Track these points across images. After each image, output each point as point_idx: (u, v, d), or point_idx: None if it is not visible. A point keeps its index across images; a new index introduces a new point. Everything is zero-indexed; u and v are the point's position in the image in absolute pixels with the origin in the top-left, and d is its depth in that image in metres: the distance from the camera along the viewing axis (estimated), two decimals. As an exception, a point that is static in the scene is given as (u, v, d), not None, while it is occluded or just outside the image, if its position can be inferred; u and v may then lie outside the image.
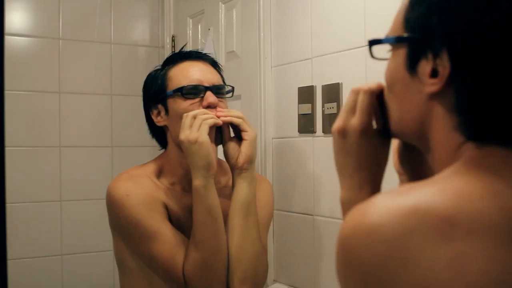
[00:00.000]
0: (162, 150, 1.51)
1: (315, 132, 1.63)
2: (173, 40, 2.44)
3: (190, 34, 2.31)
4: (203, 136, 1.29)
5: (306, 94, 1.65)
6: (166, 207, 1.37)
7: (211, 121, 1.32)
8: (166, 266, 1.32)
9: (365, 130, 0.77)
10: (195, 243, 1.30)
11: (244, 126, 1.37)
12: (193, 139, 1.29)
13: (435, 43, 0.61)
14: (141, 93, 1.53)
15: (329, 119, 1.57)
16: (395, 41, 0.68)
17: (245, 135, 1.38)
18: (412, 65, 0.65)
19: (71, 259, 2.25)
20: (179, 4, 2.42)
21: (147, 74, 1.54)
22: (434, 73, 0.62)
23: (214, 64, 1.49)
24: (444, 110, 0.63)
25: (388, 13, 1.37)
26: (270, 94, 1.82)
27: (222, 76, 1.50)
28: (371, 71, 1.43)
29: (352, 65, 1.48)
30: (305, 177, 1.66)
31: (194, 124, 1.30)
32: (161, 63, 2.53)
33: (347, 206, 0.77)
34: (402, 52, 0.67)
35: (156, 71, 1.48)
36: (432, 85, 0.63)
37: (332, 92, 1.55)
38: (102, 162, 2.33)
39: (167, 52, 2.43)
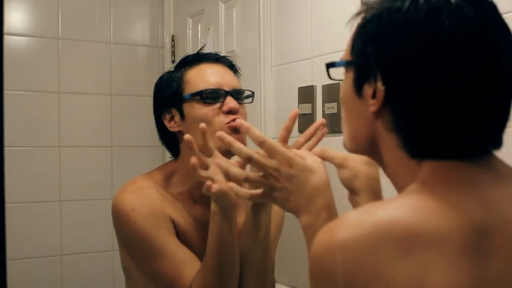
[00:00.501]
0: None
1: (316, 132, 1.62)
2: (173, 40, 2.44)
3: (190, 34, 2.31)
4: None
5: (306, 94, 1.65)
6: (173, 221, 1.30)
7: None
8: (171, 285, 1.26)
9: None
10: (206, 268, 1.23)
11: None
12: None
13: (372, 70, 0.68)
14: (141, 93, 1.50)
15: (329, 119, 1.57)
16: (345, 65, 0.75)
17: None
18: (358, 87, 0.71)
19: (71, 260, 2.25)
20: (179, 3, 2.41)
21: (147, 74, 1.51)
22: (374, 95, 0.69)
23: (232, 67, 1.39)
24: (386, 130, 0.69)
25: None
26: (270, 94, 1.82)
27: (239, 80, 1.40)
28: (371, 71, 1.43)
29: (353, 65, 1.48)
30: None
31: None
32: (161, 63, 2.53)
33: (309, 231, 0.86)
34: (351, 75, 0.73)
35: (170, 73, 1.38)
36: (372, 106, 0.69)
37: (333, 92, 1.55)
38: (101, 162, 2.33)
39: (167, 52, 2.43)
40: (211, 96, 1.29)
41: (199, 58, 1.36)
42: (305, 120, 1.66)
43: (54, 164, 2.24)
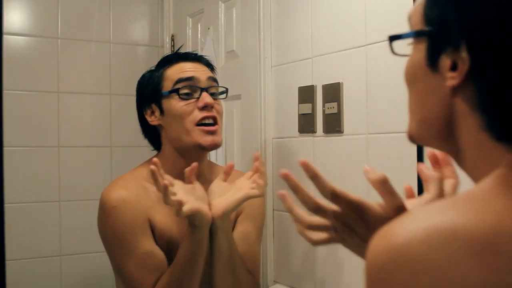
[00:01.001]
0: (155, 152, 1.52)
1: (316, 132, 1.61)
2: (172, 40, 2.43)
3: (190, 34, 2.30)
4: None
5: (306, 94, 1.64)
6: (153, 218, 1.37)
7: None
8: (134, 286, 1.33)
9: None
10: (171, 279, 1.30)
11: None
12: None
13: (454, 38, 0.58)
14: (141, 92, 1.54)
15: (329, 119, 1.56)
16: (415, 36, 0.65)
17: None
18: (433, 59, 0.62)
19: (70, 260, 2.24)
20: (178, 3, 2.40)
21: (146, 73, 1.55)
22: (454, 67, 0.59)
23: (209, 65, 1.50)
24: (468, 108, 0.59)
25: (389, 12, 1.37)
26: (270, 94, 1.81)
27: (216, 78, 1.50)
28: (371, 70, 1.42)
29: (353, 65, 1.47)
30: (305, 177, 1.64)
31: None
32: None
33: None
34: (423, 47, 0.63)
35: (151, 72, 1.49)
36: (451, 79, 0.59)
37: (333, 91, 1.54)
38: (101, 162, 2.32)
39: (167, 52, 2.42)
40: (187, 92, 1.40)
41: (177, 57, 1.48)
42: (305, 120, 1.65)
43: (54, 164, 2.22)
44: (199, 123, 1.38)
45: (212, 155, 1.95)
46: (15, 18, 2.19)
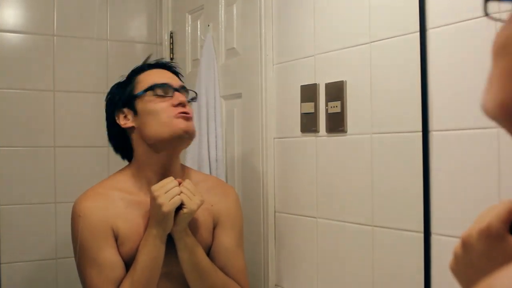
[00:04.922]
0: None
1: (318, 132, 1.59)
2: (171, 37, 2.39)
3: (189, 31, 2.27)
4: (171, 208, 1.38)
5: (308, 93, 1.61)
6: (119, 226, 1.43)
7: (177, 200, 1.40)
8: None
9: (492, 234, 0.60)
10: (133, 282, 1.39)
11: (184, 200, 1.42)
12: (161, 207, 1.37)
13: None
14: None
15: (332, 119, 1.53)
16: None
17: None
18: None
19: (66, 263, 2.20)
20: (177, -1, 2.37)
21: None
22: None
23: (177, 74, 1.59)
24: None
25: (393, 9, 1.33)
26: (272, 92, 1.78)
27: (185, 86, 1.58)
28: (375, 68, 1.40)
29: (357, 63, 1.45)
30: (308, 178, 1.62)
31: (170, 193, 1.38)
32: (159, 60, 2.50)
33: None
34: None
35: (122, 81, 1.56)
36: None
37: (336, 90, 1.51)
38: (98, 162, 2.28)
39: (165, 49, 2.40)
40: (162, 90, 1.46)
41: (148, 65, 1.56)
42: (307, 120, 1.62)
43: (49, 164, 2.20)
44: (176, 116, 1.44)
45: (212, 156, 1.92)
46: (9, 15, 2.17)
